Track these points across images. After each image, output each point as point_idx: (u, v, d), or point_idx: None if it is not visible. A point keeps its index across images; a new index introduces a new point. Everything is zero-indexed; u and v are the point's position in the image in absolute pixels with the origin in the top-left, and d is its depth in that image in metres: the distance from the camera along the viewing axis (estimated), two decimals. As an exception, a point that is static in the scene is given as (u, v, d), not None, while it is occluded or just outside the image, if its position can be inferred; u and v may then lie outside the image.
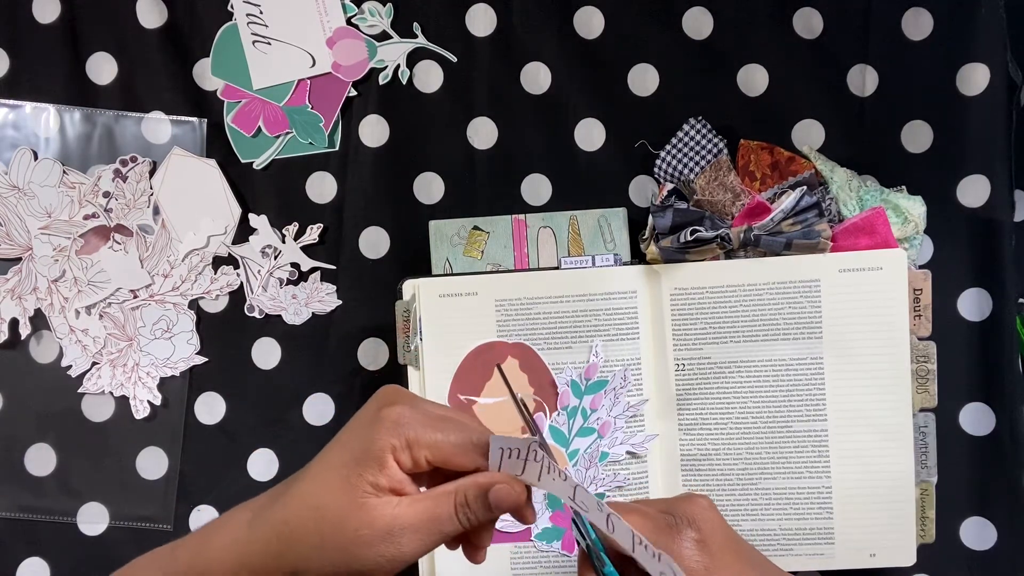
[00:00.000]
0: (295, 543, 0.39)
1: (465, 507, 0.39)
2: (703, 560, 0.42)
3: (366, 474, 0.38)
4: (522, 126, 0.66)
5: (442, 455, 0.39)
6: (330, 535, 0.38)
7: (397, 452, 0.38)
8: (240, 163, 0.66)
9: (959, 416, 0.63)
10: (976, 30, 0.62)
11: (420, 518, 0.39)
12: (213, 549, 0.41)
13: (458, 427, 0.40)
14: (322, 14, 0.65)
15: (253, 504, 0.42)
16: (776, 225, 0.59)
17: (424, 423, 0.39)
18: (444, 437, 0.39)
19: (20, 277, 0.66)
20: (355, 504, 0.38)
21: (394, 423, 0.39)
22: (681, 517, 0.43)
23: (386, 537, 0.38)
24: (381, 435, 0.39)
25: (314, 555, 0.39)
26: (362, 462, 0.38)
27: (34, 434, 0.66)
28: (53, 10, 0.66)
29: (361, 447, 0.39)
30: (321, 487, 0.39)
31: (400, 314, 0.62)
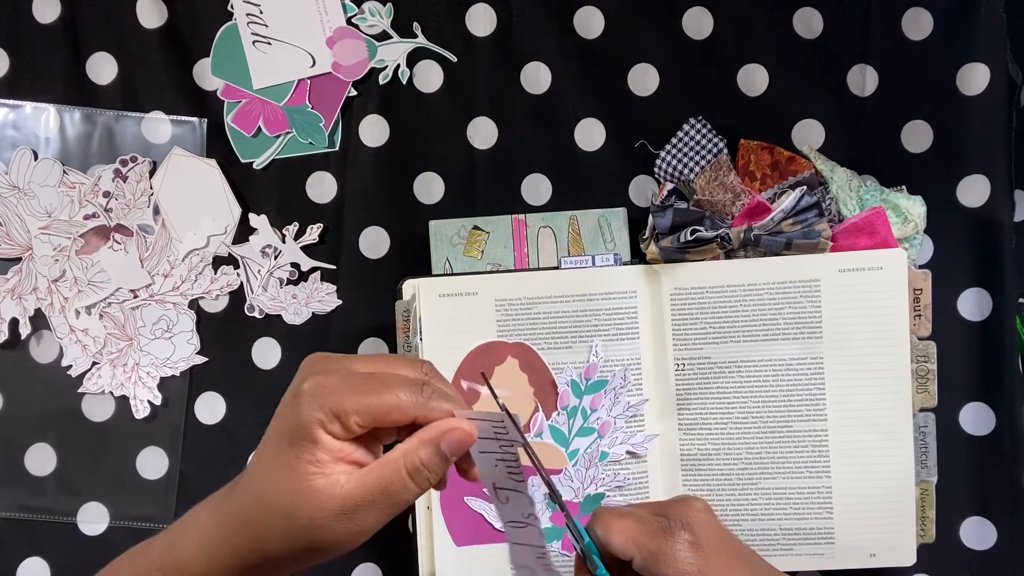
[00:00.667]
0: (255, 534, 0.39)
1: (420, 470, 0.38)
2: (697, 562, 0.42)
3: (302, 455, 0.37)
4: (522, 126, 0.66)
5: (371, 417, 0.38)
6: (285, 524, 0.38)
7: (325, 424, 0.37)
8: (240, 163, 0.66)
9: (959, 416, 0.63)
10: (976, 30, 0.62)
11: (372, 492, 0.38)
12: (187, 547, 0.40)
13: (383, 385, 0.38)
14: (322, 14, 0.65)
15: (215, 497, 0.42)
16: (776, 225, 0.59)
17: (347, 389, 0.38)
18: (370, 400, 0.38)
19: (20, 277, 0.66)
20: (301, 489, 0.37)
21: (313, 396, 0.38)
22: (675, 519, 0.43)
23: (340, 517, 0.38)
24: (304, 411, 0.38)
25: (276, 543, 0.38)
26: (294, 443, 0.38)
27: (34, 434, 0.66)
28: (53, 10, 0.66)
29: (288, 428, 0.38)
30: (265, 478, 0.39)
31: (400, 314, 0.62)
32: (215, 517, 0.40)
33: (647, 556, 0.42)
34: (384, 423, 0.38)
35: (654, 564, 0.42)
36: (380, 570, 0.65)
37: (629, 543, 0.43)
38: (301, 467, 0.37)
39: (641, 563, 0.43)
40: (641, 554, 0.43)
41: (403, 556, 0.63)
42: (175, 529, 0.42)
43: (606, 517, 0.44)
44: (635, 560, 0.43)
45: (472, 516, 0.60)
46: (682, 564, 0.42)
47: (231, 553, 0.39)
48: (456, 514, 0.60)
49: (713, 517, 0.44)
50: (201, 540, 0.40)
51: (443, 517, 0.60)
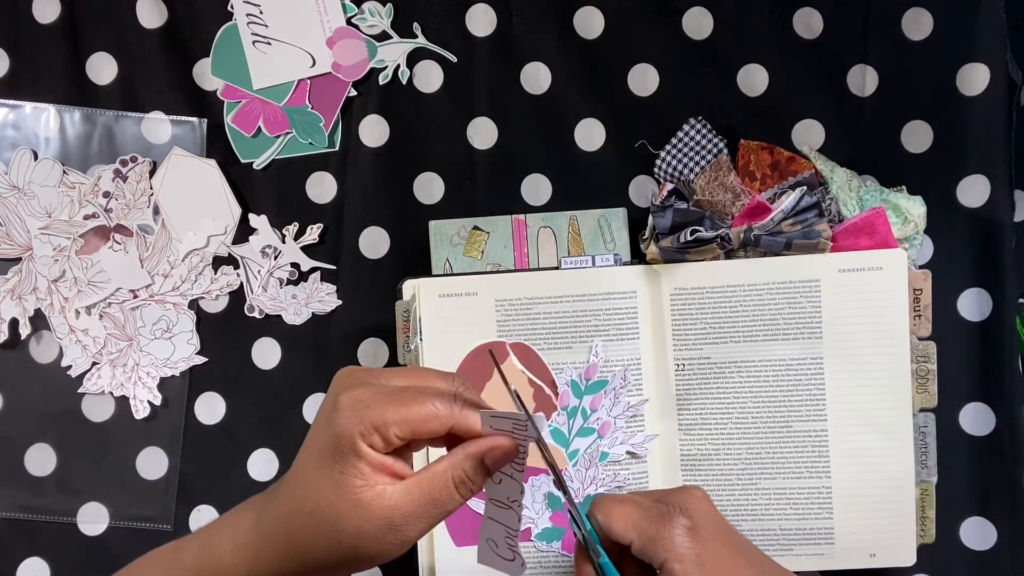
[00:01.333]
0: (300, 545, 0.39)
1: (465, 482, 0.40)
2: (694, 547, 0.43)
3: (347, 469, 0.38)
4: (522, 126, 0.66)
5: (410, 428, 0.39)
6: (334, 535, 0.38)
7: (366, 437, 0.38)
8: (240, 163, 0.66)
9: (959, 416, 0.63)
10: (976, 30, 0.62)
11: (419, 504, 0.39)
12: (223, 551, 0.41)
13: (419, 397, 0.39)
14: (322, 14, 0.65)
15: (254, 504, 0.42)
16: (776, 225, 0.59)
17: (384, 401, 0.39)
18: (408, 411, 0.39)
19: (20, 277, 0.66)
20: (349, 503, 0.38)
21: (352, 409, 0.38)
22: (674, 505, 0.44)
23: (389, 528, 0.38)
24: (344, 424, 0.38)
25: (322, 554, 0.39)
26: (337, 457, 0.38)
27: (34, 434, 0.66)
28: (53, 10, 0.66)
29: (329, 442, 0.39)
30: (311, 490, 0.39)
31: (400, 314, 0.62)
32: (256, 523, 0.41)
33: (645, 540, 0.43)
34: (421, 434, 0.39)
35: (652, 548, 0.43)
36: (380, 570, 0.65)
37: (628, 528, 0.44)
38: (347, 481, 0.38)
39: (639, 547, 0.44)
40: (640, 538, 0.43)
41: (403, 556, 0.62)
42: (209, 532, 0.42)
43: (607, 503, 0.45)
44: (634, 544, 0.44)
45: (472, 516, 0.60)
46: (679, 548, 0.43)
47: (272, 560, 0.40)
48: (456, 514, 0.60)
49: (711, 506, 0.45)
50: (239, 545, 0.41)
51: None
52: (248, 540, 0.41)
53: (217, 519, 0.43)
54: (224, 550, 0.41)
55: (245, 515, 0.42)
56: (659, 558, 0.43)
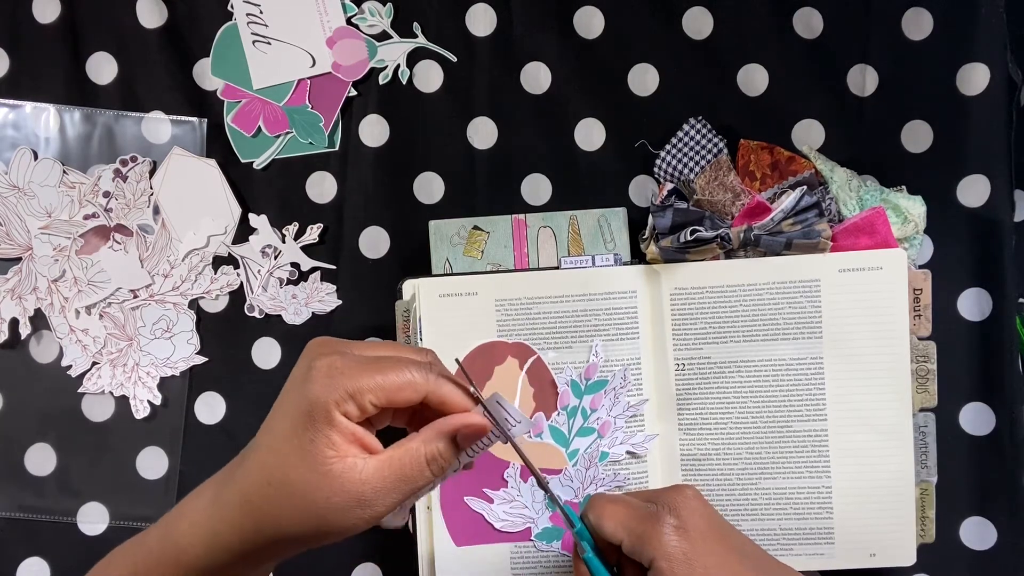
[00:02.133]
0: (263, 515, 0.39)
1: (437, 459, 0.39)
2: (681, 546, 0.43)
3: (318, 438, 0.38)
4: (522, 126, 0.66)
5: (386, 395, 0.38)
6: (302, 506, 0.38)
7: (341, 405, 0.38)
8: (240, 163, 0.66)
9: (959, 416, 0.63)
10: (976, 30, 0.62)
11: (390, 480, 0.38)
12: (182, 532, 0.40)
13: (395, 364, 0.39)
14: (322, 14, 0.65)
15: (215, 479, 0.42)
16: (776, 225, 0.59)
17: (360, 368, 0.38)
18: (384, 378, 0.38)
19: (20, 277, 0.66)
20: (319, 474, 0.38)
21: (328, 376, 0.38)
22: (663, 505, 0.44)
23: (358, 503, 0.38)
24: (319, 391, 0.38)
25: (287, 526, 0.38)
26: (309, 425, 0.38)
27: (34, 434, 0.66)
28: (53, 10, 0.66)
29: (302, 408, 0.38)
30: (278, 459, 0.38)
31: (400, 314, 0.62)
32: (215, 500, 0.40)
33: (634, 539, 0.44)
34: (396, 402, 0.39)
35: (640, 547, 0.43)
36: (380, 570, 0.65)
37: (618, 527, 0.44)
38: (317, 451, 0.38)
39: (629, 546, 0.44)
40: (629, 537, 0.44)
41: (403, 556, 0.63)
42: (171, 515, 0.42)
43: (599, 503, 0.46)
44: (624, 544, 0.44)
45: (472, 516, 0.60)
46: (667, 547, 0.43)
47: (232, 535, 0.39)
48: (456, 514, 0.60)
49: (702, 503, 0.45)
50: (197, 524, 0.40)
51: (443, 517, 0.60)
52: (205, 517, 0.40)
53: (181, 501, 0.42)
54: (182, 530, 0.40)
55: (202, 493, 0.41)
56: (647, 556, 0.43)
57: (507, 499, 0.60)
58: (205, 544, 0.40)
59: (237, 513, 0.39)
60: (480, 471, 0.60)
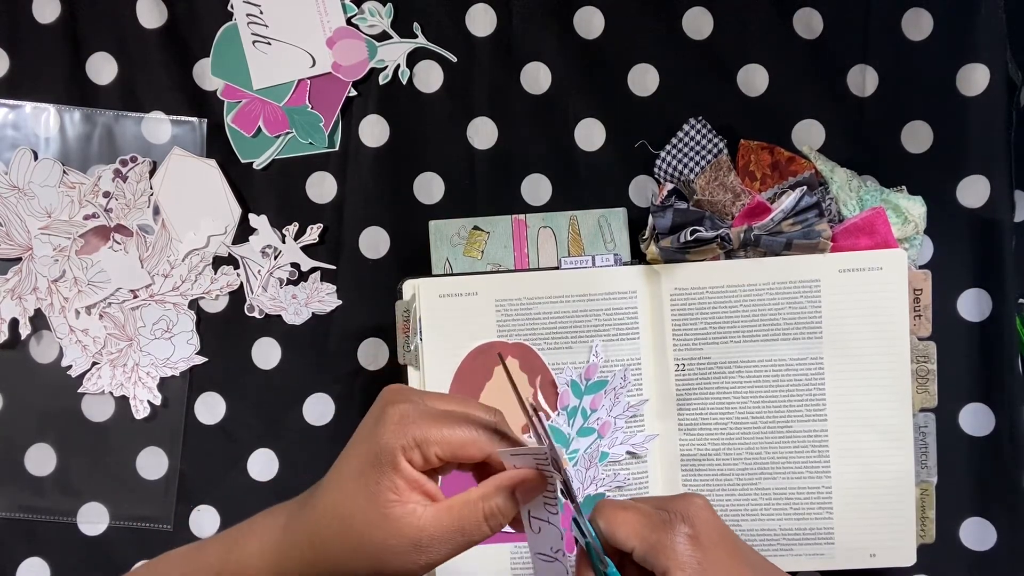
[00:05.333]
0: (326, 550, 0.40)
1: (496, 515, 0.40)
2: (696, 554, 0.43)
3: (383, 480, 0.39)
4: (522, 126, 0.66)
5: (451, 450, 0.40)
6: (360, 545, 0.39)
7: (407, 452, 0.39)
8: (240, 163, 0.66)
9: (959, 416, 0.63)
10: (976, 30, 0.62)
11: (447, 531, 0.39)
12: (248, 552, 0.41)
13: (462, 420, 0.41)
14: (322, 14, 0.65)
15: (285, 508, 0.43)
16: (776, 225, 0.59)
17: (429, 420, 0.40)
18: (451, 433, 0.40)
19: (20, 277, 0.66)
20: (380, 515, 0.39)
21: (398, 424, 0.39)
22: (676, 513, 0.44)
23: (415, 548, 0.39)
24: (388, 437, 0.39)
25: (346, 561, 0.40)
26: (376, 467, 0.39)
27: (34, 434, 0.66)
28: (53, 10, 0.66)
29: (371, 451, 0.39)
30: (344, 497, 0.40)
31: (400, 314, 0.62)
32: (284, 529, 0.41)
33: (647, 548, 0.43)
34: (459, 457, 0.40)
35: (653, 556, 0.43)
36: (380, 570, 0.65)
37: (630, 535, 0.44)
38: (380, 492, 0.39)
39: (641, 554, 0.44)
40: (641, 546, 0.43)
41: (403, 556, 0.63)
42: (234, 535, 0.43)
43: (609, 510, 0.45)
44: (635, 551, 0.44)
45: (472, 516, 0.60)
46: (680, 557, 0.43)
47: (297, 563, 0.40)
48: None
49: (713, 513, 0.45)
50: (265, 549, 0.41)
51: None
52: (275, 543, 0.41)
53: (245, 521, 0.43)
54: (250, 551, 0.42)
55: (275, 518, 0.42)
56: (661, 566, 0.43)
57: (507, 499, 0.60)
58: (273, 569, 0.41)
59: (305, 547, 0.40)
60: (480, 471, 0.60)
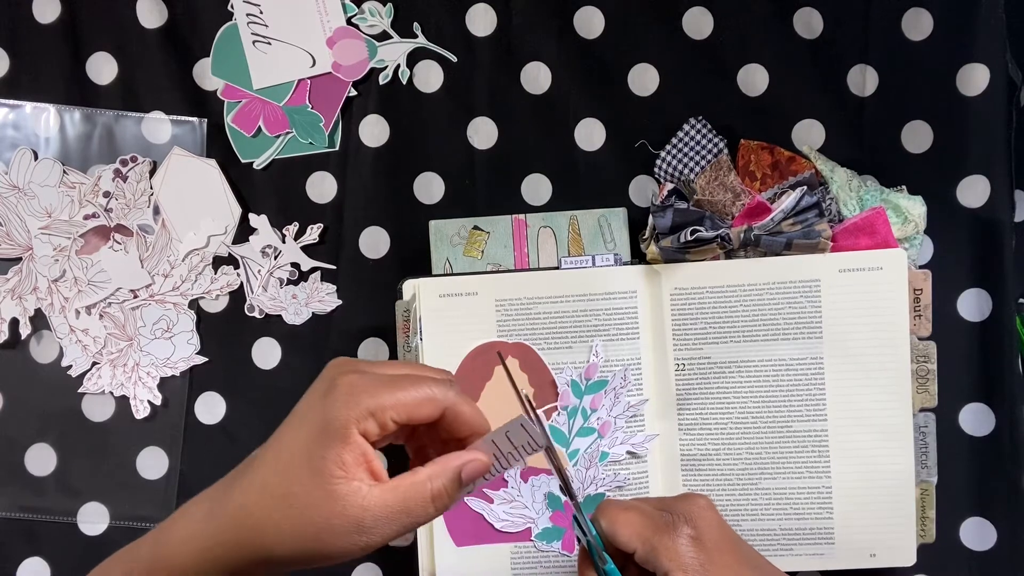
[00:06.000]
0: (260, 531, 0.38)
1: (441, 496, 0.39)
2: (699, 556, 0.43)
3: (329, 454, 0.37)
4: (522, 126, 0.66)
5: (406, 411, 0.39)
6: (300, 523, 0.38)
7: (360, 423, 0.38)
8: (240, 163, 0.66)
9: (959, 416, 0.63)
10: (976, 30, 0.62)
11: (392, 511, 0.38)
12: (174, 543, 0.40)
13: (414, 381, 0.39)
14: (322, 14, 0.65)
15: (210, 493, 0.41)
16: (776, 225, 0.59)
17: (381, 386, 0.39)
18: (405, 394, 0.39)
19: (20, 277, 0.66)
20: (324, 492, 0.37)
21: (350, 394, 0.38)
22: (678, 514, 0.44)
23: (356, 528, 0.38)
24: (339, 408, 0.38)
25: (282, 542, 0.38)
26: (324, 441, 0.38)
27: (34, 434, 0.66)
28: (53, 10, 0.66)
29: (318, 425, 0.38)
30: (284, 473, 0.38)
31: (400, 314, 0.62)
32: (209, 514, 0.40)
33: (649, 549, 0.43)
34: (416, 418, 0.39)
35: (655, 557, 0.43)
36: (380, 570, 0.65)
37: (633, 536, 0.44)
38: (326, 468, 0.37)
39: (643, 556, 0.44)
40: (644, 547, 0.43)
41: (403, 556, 0.63)
42: (165, 525, 0.41)
43: (611, 510, 0.45)
44: (638, 552, 0.44)
45: (472, 516, 0.60)
46: (683, 558, 0.43)
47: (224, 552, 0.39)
48: (456, 514, 0.60)
49: (716, 514, 0.45)
50: (190, 538, 0.40)
51: (443, 517, 0.60)
52: (198, 531, 0.39)
53: (177, 510, 0.42)
54: (176, 540, 0.40)
55: (198, 505, 0.41)
56: (663, 567, 0.43)
57: (507, 499, 0.60)
58: (196, 559, 0.39)
59: (231, 528, 0.39)
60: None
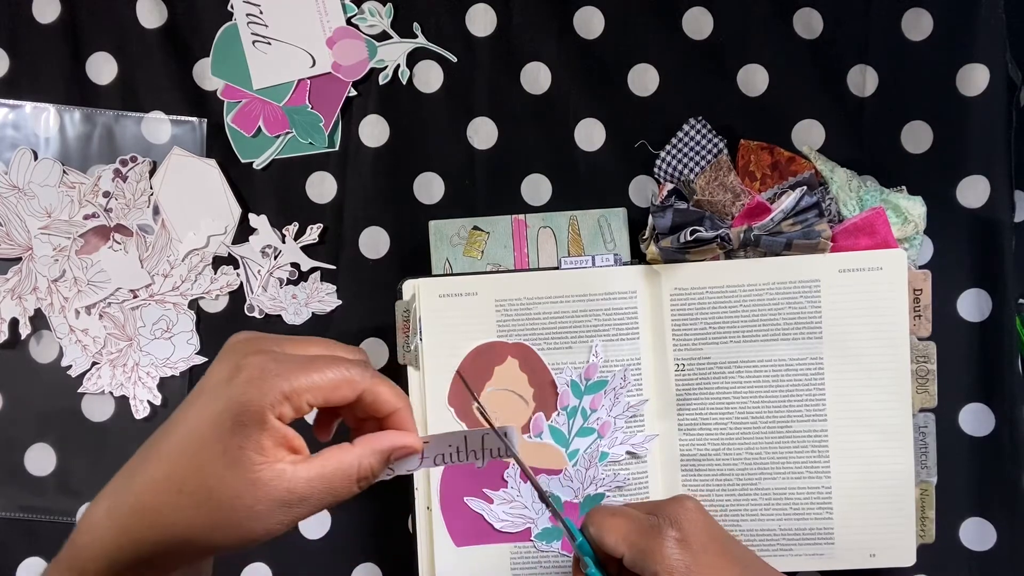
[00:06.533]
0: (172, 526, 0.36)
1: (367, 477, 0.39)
2: (684, 559, 0.43)
3: (248, 444, 0.36)
4: (522, 126, 0.66)
5: (323, 395, 0.37)
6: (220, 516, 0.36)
7: (276, 408, 0.36)
8: (240, 163, 0.66)
9: (959, 416, 0.63)
10: (976, 30, 0.62)
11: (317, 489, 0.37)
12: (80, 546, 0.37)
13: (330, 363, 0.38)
14: (322, 14, 0.65)
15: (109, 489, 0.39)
16: (776, 225, 0.59)
17: (294, 368, 0.37)
18: (320, 377, 0.37)
19: (20, 277, 0.66)
20: (245, 481, 0.36)
21: (260, 379, 0.36)
22: (664, 518, 0.45)
23: (281, 508, 0.36)
24: (251, 394, 0.36)
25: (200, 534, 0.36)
26: (239, 429, 0.36)
27: (34, 434, 0.66)
28: (53, 10, 0.66)
29: (230, 412, 0.36)
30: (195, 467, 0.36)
31: (400, 314, 0.62)
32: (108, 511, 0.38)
33: (636, 553, 0.44)
34: (332, 401, 0.38)
35: (642, 560, 0.44)
36: (380, 570, 0.65)
37: (620, 541, 0.44)
38: (245, 457, 0.36)
39: (631, 559, 0.44)
40: (631, 551, 0.44)
41: (403, 556, 0.63)
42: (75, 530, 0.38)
43: (599, 516, 0.46)
44: (625, 557, 0.44)
45: (472, 516, 0.60)
46: (669, 560, 0.43)
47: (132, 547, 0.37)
48: (456, 514, 0.60)
49: (704, 515, 0.45)
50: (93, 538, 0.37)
51: (443, 517, 0.60)
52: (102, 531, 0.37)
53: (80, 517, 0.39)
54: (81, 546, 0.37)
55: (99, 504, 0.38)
56: (650, 570, 0.43)
57: (507, 499, 0.60)
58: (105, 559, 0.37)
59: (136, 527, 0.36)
60: (480, 471, 0.60)
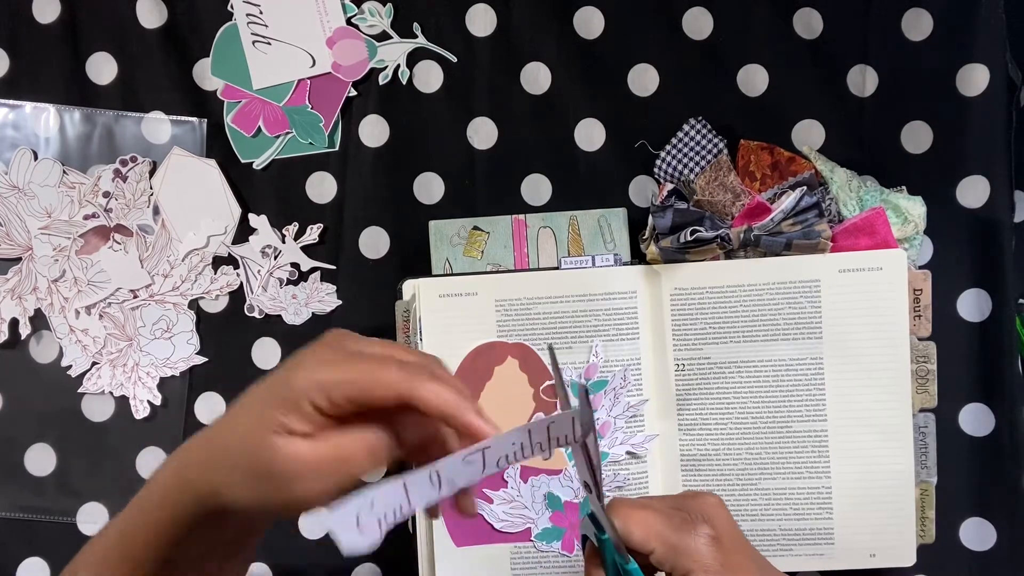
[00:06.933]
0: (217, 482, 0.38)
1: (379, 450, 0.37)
2: (719, 556, 0.42)
3: (276, 413, 0.36)
4: (522, 126, 0.66)
5: (357, 390, 0.36)
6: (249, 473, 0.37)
7: (310, 394, 0.36)
8: (240, 163, 0.66)
9: (959, 416, 0.63)
10: (976, 30, 0.62)
11: (324, 459, 0.36)
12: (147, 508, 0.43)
13: (379, 361, 0.37)
14: (322, 14, 0.65)
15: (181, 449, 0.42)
16: (776, 225, 0.59)
17: (339, 362, 0.37)
18: (359, 374, 0.37)
19: (20, 277, 0.66)
20: (262, 443, 0.36)
21: (313, 364, 0.37)
22: (695, 513, 0.43)
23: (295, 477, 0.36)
24: (297, 378, 0.37)
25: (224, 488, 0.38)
26: (274, 403, 0.37)
27: (34, 434, 0.66)
28: (53, 10, 0.66)
29: (277, 390, 0.37)
30: (234, 427, 0.39)
31: (400, 314, 0.62)
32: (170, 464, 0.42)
33: (668, 550, 0.42)
34: (370, 399, 0.37)
35: (675, 558, 0.42)
36: (380, 570, 0.65)
37: (650, 536, 0.42)
38: (269, 424, 0.36)
39: (661, 556, 0.42)
40: (663, 547, 0.42)
41: (403, 556, 0.63)
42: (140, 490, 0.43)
43: (624, 508, 0.43)
44: (655, 553, 0.42)
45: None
46: (705, 559, 0.41)
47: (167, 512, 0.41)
48: (456, 514, 0.60)
49: (728, 512, 0.44)
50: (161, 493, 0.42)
51: (443, 517, 0.60)
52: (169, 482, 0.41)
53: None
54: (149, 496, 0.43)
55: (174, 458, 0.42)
56: (683, 568, 0.41)
57: (507, 499, 0.60)
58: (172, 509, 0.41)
59: (172, 486, 0.40)
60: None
